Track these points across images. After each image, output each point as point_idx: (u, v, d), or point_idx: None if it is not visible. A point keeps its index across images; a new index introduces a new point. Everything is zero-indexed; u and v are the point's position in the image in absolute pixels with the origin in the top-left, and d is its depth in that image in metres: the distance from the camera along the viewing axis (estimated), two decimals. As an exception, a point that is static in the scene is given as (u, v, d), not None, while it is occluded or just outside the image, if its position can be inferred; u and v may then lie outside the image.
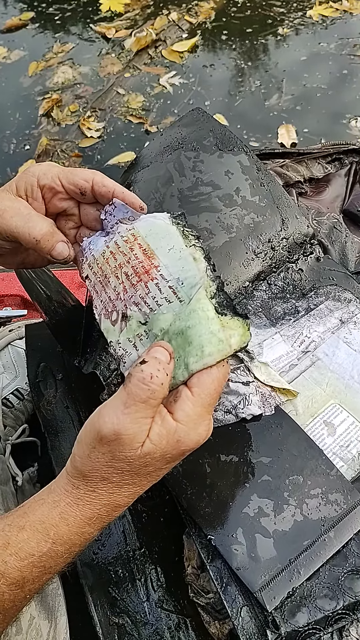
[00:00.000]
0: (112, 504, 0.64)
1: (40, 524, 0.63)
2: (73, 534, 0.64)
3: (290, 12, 3.51)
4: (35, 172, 0.75)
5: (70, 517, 0.64)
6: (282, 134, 2.83)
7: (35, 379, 1.01)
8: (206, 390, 0.62)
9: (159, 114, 3.08)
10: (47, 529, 0.63)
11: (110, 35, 3.55)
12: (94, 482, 0.63)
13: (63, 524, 0.64)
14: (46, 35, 3.70)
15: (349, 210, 1.14)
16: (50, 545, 0.63)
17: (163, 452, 0.62)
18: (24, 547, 0.62)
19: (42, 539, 0.63)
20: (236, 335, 0.64)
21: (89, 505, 0.64)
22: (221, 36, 3.44)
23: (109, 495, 0.64)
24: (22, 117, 3.19)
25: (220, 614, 0.78)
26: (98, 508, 0.64)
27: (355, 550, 0.74)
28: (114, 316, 0.71)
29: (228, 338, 0.63)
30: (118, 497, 0.64)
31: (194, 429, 0.62)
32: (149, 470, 0.63)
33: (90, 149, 2.98)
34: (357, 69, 3.08)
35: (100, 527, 0.66)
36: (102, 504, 0.64)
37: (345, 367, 0.87)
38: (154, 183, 1.01)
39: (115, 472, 0.63)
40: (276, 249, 0.96)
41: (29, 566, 0.62)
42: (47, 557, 0.63)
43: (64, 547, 0.64)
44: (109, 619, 0.80)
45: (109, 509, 0.65)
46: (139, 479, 0.64)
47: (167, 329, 0.65)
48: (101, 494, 0.64)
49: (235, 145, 1.03)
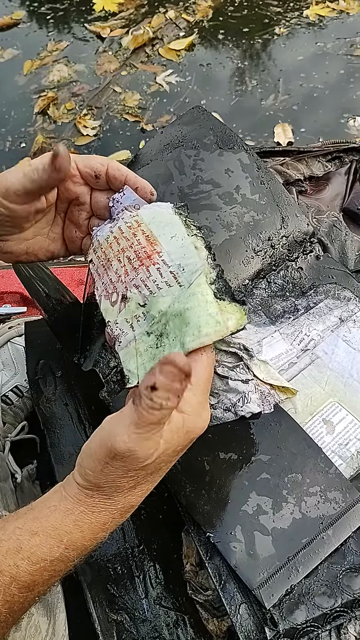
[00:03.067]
0: (127, 506, 0.65)
1: (54, 530, 0.63)
2: (87, 540, 0.64)
3: (287, 11, 3.50)
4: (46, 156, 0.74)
5: (85, 524, 0.64)
6: (279, 133, 2.83)
7: (35, 376, 1.01)
8: (202, 378, 0.64)
9: (155, 113, 3.07)
10: (60, 535, 0.63)
11: (104, 34, 3.54)
12: (109, 491, 0.64)
13: (77, 531, 0.64)
14: (39, 34, 3.69)
15: (348, 209, 1.14)
16: (62, 550, 0.63)
17: (175, 447, 0.63)
18: (36, 552, 0.62)
19: (54, 544, 0.63)
20: (233, 318, 0.66)
21: (104, 512, 0.64)
22: (218, 35, 3.43)
23: (124, 500, 0.64)
24: (18, 115, 3.18)
25: (219, 611, 0.78)
26: (113, 513, 0.64)
27: (354, 548, 0.74)
28: (113, 297, 0.73)
29: (225, 321, 0.65)
30: (132, 499, 0.65)
31: (199, 416, 0.64)
32: (161, 467, 0.64)
33: (86, 147, 2.97)
34: (354, 69, 3.08)
35: (113, 529, 0.66)
36: (117, 509, 0.64)
37: (344, 366, 0.88)
38: (154, 181, 1.00)
39: (131, 480, 0.63)
40: (276, 247, 0.96)
41: (40, 570, 0.62)
42: (59, 561, 0.63)
43: (76, 552, 0.64)
44: (107, 616, 0.80)
45: (123, 511, 0.65)
46: (152, 477, 0.65)
47: (166, 311, 0.67)
48: (117, 499, 0.64)
49: (236, 143, 1.03)
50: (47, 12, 3.83)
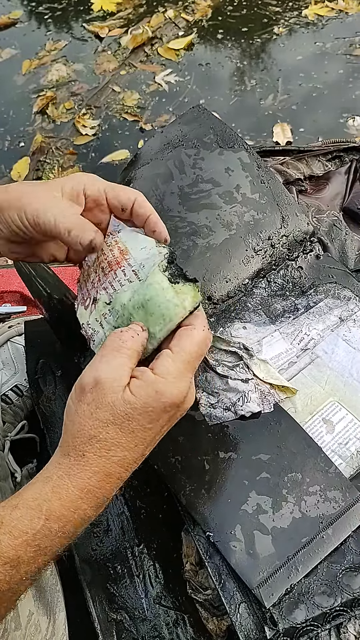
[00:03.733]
0: (103, 472, 0.65)
1: (33, 501, 0.64)
2: (66, 509, 0.64)
3: (285, 11, 3.50)
4: (82, 181, 0.78)
5: (62, 490, 0.64)
6: (277, 133, 2.83)
7: (35, 376, 1.01)
8: (186, 349, 0.67)
9: (154, 112, 3.07)
10: (40, 504, 0.64)
11: (103, 34, 3.53)
12: (82, 443, 0.65)
13: (55, 498, 0.64)
14: (38, 34, 3.68)
15: (349, 208, 1.14)
16: (43, 522, 0.63)
17: (144, 404, 0.64)
18: (17, 525, 0.62)
19: (35, 515, 0.63)
20: (189, 298, 0.71)
21: (79, 474, 0.64)
22: (217, 35, 3.43)
23: (97, 459, 0.64)
24: (17, 115, 3.18)
25: (219, 611, 0.78)
26: (89, 477, 0.64)
27: (353, 548, 0.74)
28: (87, 302, 0.79)
29: (182, 302, 0.70)
30: (107, 463, 0.65)
31: (174, 383, 0.65)
32: (132, 427, 0.65)
33: (85, 147, 2.97)
34: (353, 69, 3.08)
35: (95, 505, 0.66)
36: (92, 472, 0.64)
37: (344, 365, 0.88)
38: (154, 180, 1.01)
39: (100, 426, 0.64)
40: (276, 247, 0.96)
41: (23, 545, 0.62)
42: (41, 535, 0.63)
43: (58, 523, 0.63)
44: (107, 615, 0.80)
45: (99, 478, 0.65)
46: (125, 438, 0.65)
47: (126, 303, 0.73)
48: (90, 458, 0.64)
49: (236, 142, 1.03)
50: (45, 11, 3.82)
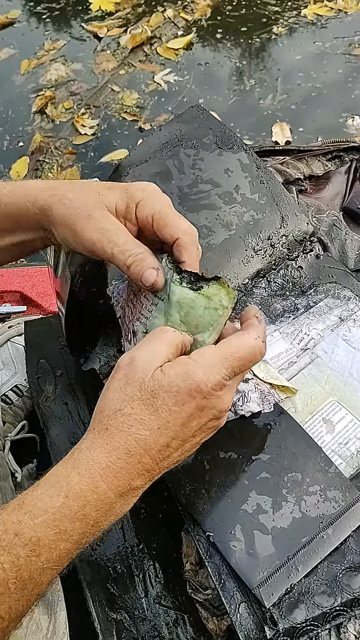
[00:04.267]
0: (123, 448, 0.64)
1: (54, 477, 0.64)
2: (85, 485, 0.63)
3: (285, 11, 3.51)
4: (136, 198, 0.75)
5: (81, 464, 0.64)
6: (276, 132, 2.84)
7: (34, 376, 1.01)
8: (231, 346, 0.67)
9: (153, 112, 3.08)
10: (59, 481, 0.63)
11: (101, 34, 3.54)
12: (106, 416, 0.65)
13: (75, 474, 0.63)
14: (36, 33, 3.69)
15: (349, 208, 1.14)
16: (62, 499, 0.62)
17: (169, 382, 0.64)
18: (37, 504, 0.62)
19: (54, 492, 0.63)
20: (223, 296, 0.70)
21: (99, 449, 0.64)
22: (216, 34, 3.44)
23: (119, 434, 0.64)
24: (16, 115, 3.18)
25: (219, 610, 0.78)
26: (108, 451, 0.64)
27: (354, 547, 0.74)
28: (129, 337, 0.78)
29: (220, 302, 0.70)
30: (128, 439, 0.64)
31: (204, 368, 0.65)
32: (157, 404, 0.65)
33: (84, 146, 2.98)
34: (352, 68, 3.09)
35: (116, 488, 0.64)
36: (113, 446, 0.64)
37: (344, 365, 0.88)
38: (153, 180, 1.00)
39: (126, 400, 0.65)
40: (276, 247, 0.97)
41: (43, 525, 0.61)
42: (61, 514, 0.62)
43: (77, 502, 0.62)
44: (107, 615, 0.80)
45: (119, 455, 0.64)
46: (149, 416, 0.65)
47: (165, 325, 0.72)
48: (112, 432, 0.65)
49: (235, 143, 1.03)
50: (43, 11, 3.83)
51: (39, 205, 0.76)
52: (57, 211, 0.75)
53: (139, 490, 0.67)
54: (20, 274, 1.46)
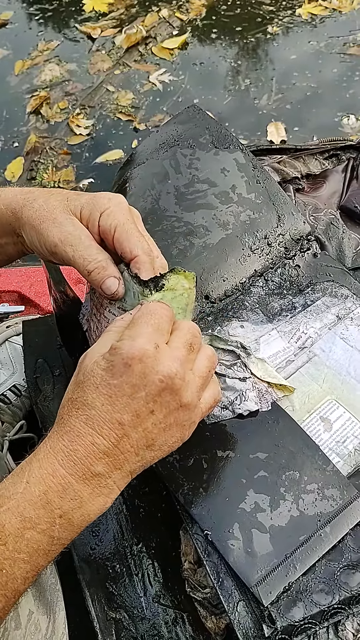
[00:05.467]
0: (73, 432, 0.65)
1: (19, 468, 0.65)
2: (44, 470, 0.63)
3: (279, 10, 3.51)
4: (101, 207, 0.76)
5: (40, 452, 0.65)
6: (272, 132, 2.84)
7: (33, 375, 1.01)
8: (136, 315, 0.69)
9: (148, 112, 3.07)
10: (22, 468, 0.64)
11: (95, 35, 3.53)
12: (62, 406, 0.67)
13: (35, 460, 0.64)
14: (29, 34, 3.68)
15: (346, 207, 1.14)
16: (24, 485, 0.62)
17: (104, 360, 0.66)
18: (3, 493, 0.63)
19: (17, 479, 0.63)
20: (183, 281, 0.74)
21: (54, 436, 0.65)
22: (211, 34, 3.44)
23: (68, 419, 0.66)
24: (10, 115, 3.18)
25: (217, 609, 0.78)
26: (60, 436, 0.65)
27: (351, 545, 0.74)
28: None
29: (182, 288, 0.74)
30: (76, 422, 0.65)
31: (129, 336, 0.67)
32: (96, 382, 0.66)
33: (79, 147, 2.98)
34: (347, 67, 3.09)
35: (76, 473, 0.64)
36: (64, 431, 0.65)
37: (341, 363, 0.88)
38: (150, 180, 1.01)
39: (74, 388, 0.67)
40: (273, 245, 0.97)
41: (7, 512, 0.61)
42: (23, 500, 0.62)
43: (38, 487, 0.62)
44: (106, 614, 0.81)
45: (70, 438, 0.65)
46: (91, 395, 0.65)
47: None
48: (63, 419, 0.66)
49: (231, 142, 1.04)
50: (36, 12, 3.82)
51: (11, 207, 0.79)
52: (26, 213, 0.77)
53: (104, 478, 0.66)
54: (18, 273, 1.46)
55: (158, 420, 0.67)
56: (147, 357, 0.64)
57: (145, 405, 0.65)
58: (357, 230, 1.11)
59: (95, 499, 0.65)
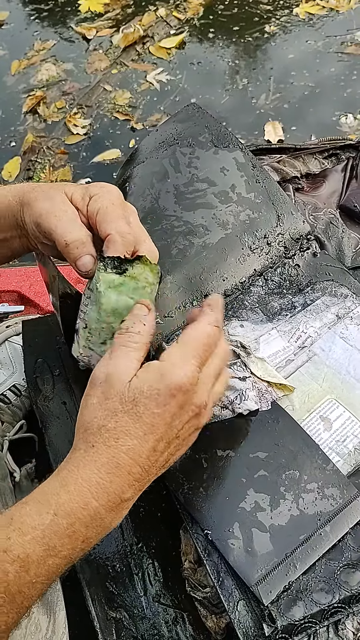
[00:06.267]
0: (111, 463, 0.64)
1: (42, 495, 0.64)
2: (75, 503, 0.63)
3: (277, 9, 3.50)
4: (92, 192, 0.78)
5: (70, 482, 0.64)
6: (269, 131, 2.83)
7: (32, 375, 1.01)
8: (190, 337, 0.69)
9: (145, 111, 3.07)
10: (48, 499, 0.63)
11: (90, 36, 3.53)
12: (91, 434, 0.66)
13: (64, 492, 0.63)
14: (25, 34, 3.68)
15: (345, 206, 1.14)
16: (52, 517, 0.62)
17: (149, 387, 0.65)
18: (26, 521, 0.62)
19: (43, 509, 0.62)
20: (148, 273, 0.75)
21: (88, 466, 0.64)
22: (209, 34, 3.43)
23: (106, 449, 0.65)
24: (7, 115, 3.18)
25: (217, 608, 0.78)
26: (97, 468, 0.64)
27: (351, 544, 0.74)
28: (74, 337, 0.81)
29: (145, 281, 0.75)
30: (115, 453, 0.65)
31: (178, 366, 0.66)
32: (140, 411, 0.65)
33: (76, 146, 2.97)
34: (345, 67, 3.09)
35: (107, 503, 0.64)
36: (101, 463, 0.64)
37: (341, 363, 0.88)
38: (150, 179, 1.01)
39: (109, 415, 0.65)
40: (272, 245, 0.97)
41: (32, 542, 0.61)
42: (50, 531, 0.61)
43: (67, 519, 0.62)
44: (106, 614, 0.80)
45: (108, 470, 0.64)
46: (134, 425, 0.65)
47: (99, 318, 0.75)
48: (99, 448, 0.65)
49: (231, 142, 1.03)
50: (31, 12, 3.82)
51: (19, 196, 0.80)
52: (28, 195, 0.78)
53: (129, 502, 0.67)
54: (18, 273, 1.46)
55: (179, 444, 0.70)
56: (188, 391, 0.66)
57: (176, 432, 0.67)
58: (356, 229, 1.11)
59: (117, 520, 0.67)
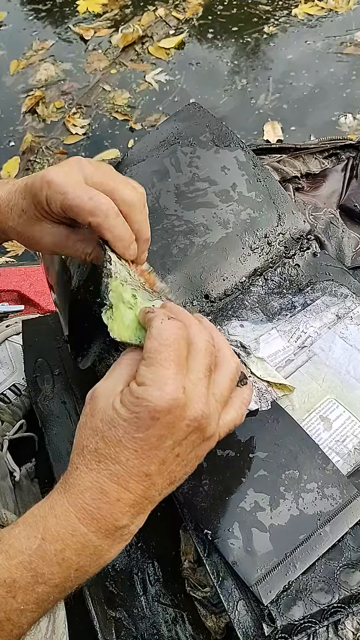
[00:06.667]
0: (96, 488, 0.61)
1: (33, 517, 0.62)
2: (63, 528, 0.60)
3: (276, 10, 3.51)
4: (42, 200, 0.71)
5: (57, 506, 0.61)
6: (268, 131, 2.84)
7: (32, 374, 1.01)
8: (152, 350, 0.61)
9: (144, 111, 3.08)
10: (37, 522, 0.61)
11: (87, 36, 3.53)
12: (76, 455, 0.62)
13: (51, 516, 0.61)
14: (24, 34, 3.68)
15: (345, 206, 1.14)
16: (39, 541, 0.59)
17: (127, 410, 0.60)
18: (14, 544, 0.60)
19: (31, 533, 0.60)
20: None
21: (73, 490, 0.61)
22: (208, 34, 3.44)
23: (88, 473, 0.61)
24: (6, 115, 3.18)
25: (217, 608, 0.78)
26: (82, 492, 0.61)
27: (351, 544, 0.74)
28: None
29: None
30: (99, 478, 0.61)
31: (153, 387, 0.60)
32: (119, 435, 0.60)
33: (75, 146, 2.98)
34: (344, 67, 3.10)
35: (98, 530, 0.61)
36: (85, 487, 0.61)
37: (341, 362, 0.88)
38: (150, 178, 1.01)
39: (91, 435, 0.62)
40: (272, 244, 0.97)
41: (20, 567, 0.59)
42: (37, 556, 0.59)
43: (54, 545, 0.60)
44: (106, 613, 0.80)
45: (94, 496, 0.61)
46: (114, 449, 0.61)
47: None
48: (82, 471, 0.61)
49: (232, 141, 1.03)
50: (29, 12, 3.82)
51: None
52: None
53: (127, 529, 0.63)
54: (18, 273, 1.46)
55: (182, 461, 0.65)
56: (175, 408, 0.60)
57: (171, 451, 0.62)
58: (356, 229, 1.11)
59: (115, 548, 0.64)
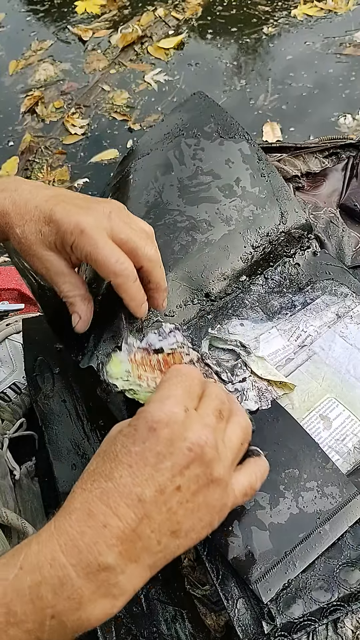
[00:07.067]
0: (83, 509, 0.55)
1: (21, 544, 0.56)
2: (41, 555, 0.53)
3: (275, 11, 3.51)
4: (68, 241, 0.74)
5: (44, 530, 0.55)
6: (267, 132, 2.84)
7: (33, 373, 1.01)
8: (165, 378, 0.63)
9: (143, 111, 3.08)
10: (21, 547, 0.55)
11: (86, 37, 3.53)
12: (80, 478, 0.58)
13: (35, 540, 0.54)
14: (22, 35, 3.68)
15: (345, 205, 1.14)
16: (17, 571, 0.52)
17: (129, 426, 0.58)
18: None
19: (12, 561, 0.53)
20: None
21: (62, 512, 0.56)
22: (207, 35, 3.44)
23: (81, 493, 0.56)
24: (5, 115, 3.18)
25: (217, 606, 0.78)
26: (69, 513, 0.55)
27: (351, 543, 0.74)
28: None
29: None
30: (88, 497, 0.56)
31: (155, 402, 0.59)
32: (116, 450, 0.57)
33: (74, 146, 2.98)
34: (343, 68, 3.10)
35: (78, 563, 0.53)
36: (73, 508, 0.55)
37: (341, 361, 0.88)
38: (154, 172, 1.00)
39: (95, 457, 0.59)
40: (274, 243, 0.97)
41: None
42: (12, 589, 0.52)
43: (30, 577, 0.52)
44: (105, 612, 0.80)
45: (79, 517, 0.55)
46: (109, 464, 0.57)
47: None
48: (75, 493, 0.57)
49: (237, 132, 1.03)
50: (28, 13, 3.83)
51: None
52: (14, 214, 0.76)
53: (114, 574, 0.54)
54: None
55: (185, 499, 0.57)
56: (174, 422, 0.57)
57: (171, 478, 0.56)
58: (356, 228, 1.11)
59: (99, 601, 0.54)
